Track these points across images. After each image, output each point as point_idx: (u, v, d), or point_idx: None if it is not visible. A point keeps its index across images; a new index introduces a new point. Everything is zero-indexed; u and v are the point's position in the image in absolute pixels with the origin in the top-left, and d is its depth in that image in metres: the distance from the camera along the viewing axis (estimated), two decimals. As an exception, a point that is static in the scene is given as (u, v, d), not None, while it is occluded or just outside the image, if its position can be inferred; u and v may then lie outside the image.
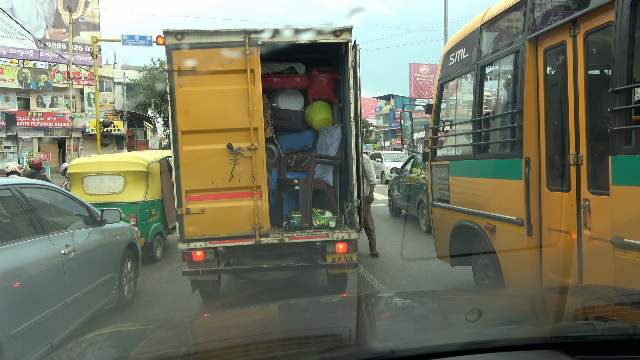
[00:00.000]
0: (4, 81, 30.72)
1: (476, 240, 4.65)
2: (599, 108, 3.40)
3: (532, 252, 3.81)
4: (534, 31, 3.74)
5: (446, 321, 1.92)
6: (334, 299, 3.11)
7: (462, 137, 5.31)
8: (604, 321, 1.60)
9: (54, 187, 4.73)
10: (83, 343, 1.83)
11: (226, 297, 5.79)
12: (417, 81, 40.64)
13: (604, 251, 3.05)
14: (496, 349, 1.35)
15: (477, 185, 4.65)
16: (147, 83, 35.97)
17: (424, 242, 8.53)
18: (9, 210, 3.87)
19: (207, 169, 4.69)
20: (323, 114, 5.92)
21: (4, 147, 30.13)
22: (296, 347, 1.61)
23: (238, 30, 4.62)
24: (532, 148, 3.79)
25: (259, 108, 4.72)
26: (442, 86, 5.45)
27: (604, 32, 3.20)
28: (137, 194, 7.36)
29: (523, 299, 2.29)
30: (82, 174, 7.48)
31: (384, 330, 1.80)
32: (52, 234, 3.97)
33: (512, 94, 4.13)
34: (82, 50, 31.57)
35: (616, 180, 2.94)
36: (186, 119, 4.62)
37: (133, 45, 18.38)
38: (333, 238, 4.86)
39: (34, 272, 3.59)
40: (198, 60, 4.59)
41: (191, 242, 4.72)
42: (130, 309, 5.39)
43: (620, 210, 2.94)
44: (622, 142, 2.90)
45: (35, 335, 3.45)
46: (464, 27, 4.99)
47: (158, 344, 1.79)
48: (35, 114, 31.85)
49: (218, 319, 2.28)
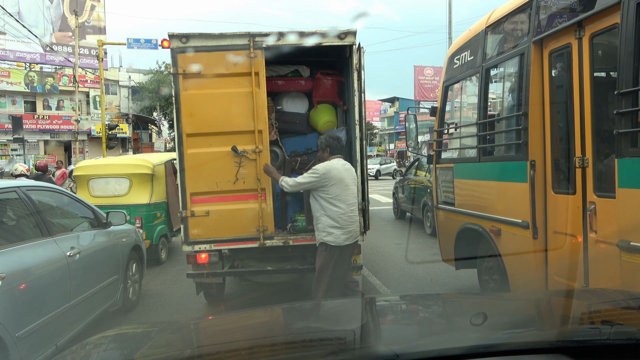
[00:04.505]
0: (10, 84, 30.93)
1: (481, 243, 4.63)
2: (605, 110, 3.38)
3: (538, 256, 3.79)
4: (539, 33, 3.73)
5: (451, 325, 1.91)
6: (339, 302, 3.11)
7: (467, 140, 5.30)
8: (611, 325, 1.59)
9: (59, 190, 4.76)
10: (88, 345, 1.84)
11: (230, 300, 5.79)
12: (421, 84, 40.66)
13: (610, 254, 3.03)
14: (502, 352, 1.35)
15: (482, 188, 4.63)
16: (152, 86, 36.14)
17: (428, 245, 8.50)
18: (16, 213, 3.90)
19: (211, 172, 4.70)
20: (327, 116, 5.93)
21: (10, 150, 30.31)
22: (301, 350, 1.60)
23: (243, 33, 4.64)
24: (538, 151, 3.77)
25: (264, 111, 4.73)
26: (446, 89, 5.44)
27: (610, 34, 3.19)
28: (143, 197, 7.39)
29: (529, 303, 2.28)
30: (87, 177, 7.51)
31: (388, 334, 1.79)
32: (57, 236, 3.99)
33: (517, 96, 4.12)
34: (88, 53, 31.76)
35: (622, 183, 2.92)
36: (191, 121, 4.64)
37: (138, 49, 18.47)
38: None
39: (40, 274, 3.60)
40: (203, 64, 4.61)
41: (196, 244, 4.73)
42: (135, 311, 5.41)
43: (627, 213, 2.92)
44: (629, 144, 2.88)
45: (40, 337, 3.46)
46: (468, 30, 4.99)
47: (162, 347, 1.79)
48: (42, 117, 32.03)
49: (222, 321, 2.28)
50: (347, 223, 4.29)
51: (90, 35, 32.10)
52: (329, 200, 4.28)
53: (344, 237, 4.28)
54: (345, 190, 4.32)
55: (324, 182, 4.27)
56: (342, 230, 4.27)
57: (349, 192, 4.36)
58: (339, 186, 4.28)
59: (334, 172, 4.29)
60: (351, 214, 4.34)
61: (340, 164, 4.40)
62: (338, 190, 4.27)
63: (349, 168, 4.47)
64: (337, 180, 4.28)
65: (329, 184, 4.27)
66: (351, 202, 4.36)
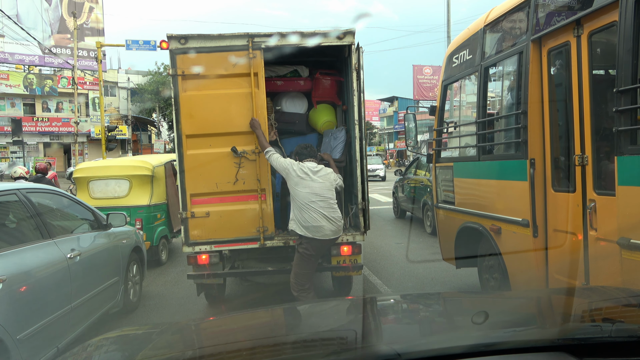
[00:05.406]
0: (9, 87, 30.94)
1: (481, 242, 4.63)
2: (604, 108, 3.38)
3: (538, 254, 3.79)
4: (538, 32, 3.73)
5: (452, 323, 1.91)
6: (340, 302, 3.11)
7: (466, 139, 5.30)
8: (612, 323, 1.59)
9: (59, 192, 4.76)
10: (89, 347, 1.84)
11: (231, 301, 5.79)
12: (420, 83, 40.68)
13: (611, 252, 3.03)
14: (503, 351, 1.35)
15: (482, 187, 4.63)
16: (151, 87, 36.14)
17: (429, 244, 8.50)
18: (16, 215, 3.90)
19: (211, 173, 4.70)
20: (327, 116, 5.93)
21: (10, 153, 30.31)
22: (302, 350, 1.60)
23: (241, 34, 4.64)
24: (537, 149, 3.78)
25: (263, 111, 4.73)
26: (445, 88, 5.44)
27: (608, 32, 3.19)
28: (143, 198, 7.39)
29: (529, 301, 2.28)
30: (87, 178, 7.51)
31: (390, 333, 1.80)
32: (58, 238, 3.99)
33: (516, 95, 4.12)
34: (87, 55, 31.77)
35: (622, 181, 2.93)
36: (190, 122, 4.64)
37: (137, 50, 18.47)
38: (338, 241, 4.86)
39: (41, 276, 3.60)
40: (202, 65, 4.61)
41: (196, 245, 4.73)
42: (135, 312, 5.41)
43: (627, 211, 2.92)
44: (628, 142, 2.88)
45: (41, 339, 3.46)
46: (467, 29, 4.99)
47: (164, 348, 1.79)
48: (41, 119, 32.04)
49: (223, 322, 2.28)
50: (312, 220, 4.34)
51: (89, 37, 32.13)
52: (294, 198, 4.47)
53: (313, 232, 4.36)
54: (312, 192, 4.39)
55: (285, 175, 4.49)
56: (309, 224, 4.36)
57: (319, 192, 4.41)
58: (303, 191, 4.39)
59: (296, 173, 4.42)
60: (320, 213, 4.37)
61: (310, 165, 4.51)
62: (302, 193, 4.39)
63: (319, 171, 4.51)
64: (300, 182, 4.41)
65: (290, 181, 4.45)
66: (315, 201, 4.38)
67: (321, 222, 4.37)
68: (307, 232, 4.38)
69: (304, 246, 4.44)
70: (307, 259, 4.47)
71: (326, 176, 4.53)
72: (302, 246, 4.45)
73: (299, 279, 4.51)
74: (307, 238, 4.39)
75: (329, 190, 4.49)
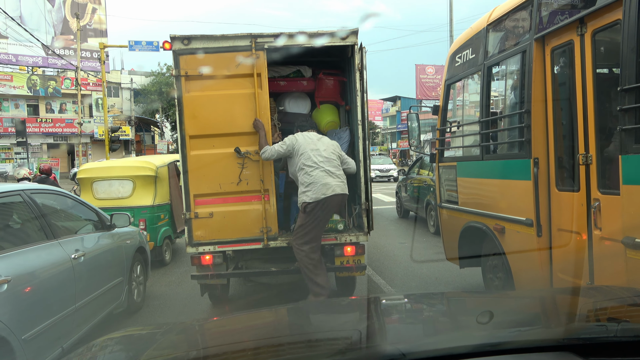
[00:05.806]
0: (13, 88, 31.06)
1: (485, 242, 4.62)
2: (608, 107, 3.37)
3: (542, 253, 3.78)
4: (541, 30, 3.72)
5: (457, 323, 1.91)
6: (343, 302, 3.11)
7: (469, 138, 5.29)
8: (617, 322, 1.59)
9: (63, 192, 4.77)
10: (94, 347, 1.84)
11: (235, 301, 5.80)
12: (423, 82, 40.61)
13: (615, 252, 3.02)
14: (508, 351, 1.35)
15: (486, 186, 4.62)
16: (154, 88, 36.21)
17: (432, 244, 8.49)
18: (20, 216, 3.91)
19: (215, 173, 4.70)
20: (330, 116, 5.92)
21: (14, 154, 30.43)
22: (306, 350, 1.60)
23: (244, 34, 4.64)
24: (541, 148, 3.77)
25: (266, 112, 4.74)
26: (448, 87, 5.43)
27: (612, 31, 3.18)
28: (146, 198, 7.41)
29: (534, 301, 2.27)
30: (91, 179, 7.53)
31: (394, 333, 1.79)
32: (62, 239, 4.00)
33: (519, 94, 4.11)
34: (90, 56, 31.87)
35: (627, 180, 2.91)
36: (194, 123, 4.65)
37: (140, 51, 18.52)
38: (341, 241, 4.86)
39: (45, 277, 3.61)
40: (205, 65, 4.61)
41: (200, 245, 4.73)
42: (140, 312, 5.42)
43: (632, 210, 2.91)
44: (633, 141, 2.87)
45: (46, 339, 3.47)
46: (470, 28, 4.98)
47: (168, 348, 1.80)
48: (45, 120, 32.16)
49: (227, 322, 2.28)
50: (319, 177, 4.59)
51: (92, 38, 32.21)
52: (301, 167, 4.66)
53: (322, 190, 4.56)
54: (317, 152, 4.67)
55: (292, 150, 4.71)
56: (316, 185, 4.57)
57: (323, 154, 4.68)
58: (310, 152, 4.66)
59: (300, 139, 4.73)
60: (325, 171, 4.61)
61: (311, 134, 4.84)
62: (308, 154, 4.65)
63: (321, 138, 4.85)
64: (306, 145, 4.68)
65: (297, 154, 4.69)
66: (322, 161, 4.64)
67: (327, 179, 4.60)
68: (316, 195, 4.55)
69: (312, 205, 4.58)
70: (315, 217, 4.59)
71: (329, 142, 4.85)
72: (310, 205, 4.58)
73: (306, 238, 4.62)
74: (317, 201, 4.55)
75: (333, 153, 4.77)
